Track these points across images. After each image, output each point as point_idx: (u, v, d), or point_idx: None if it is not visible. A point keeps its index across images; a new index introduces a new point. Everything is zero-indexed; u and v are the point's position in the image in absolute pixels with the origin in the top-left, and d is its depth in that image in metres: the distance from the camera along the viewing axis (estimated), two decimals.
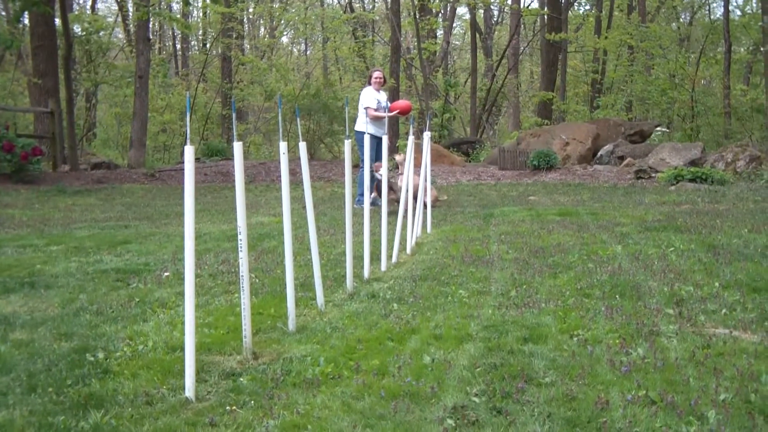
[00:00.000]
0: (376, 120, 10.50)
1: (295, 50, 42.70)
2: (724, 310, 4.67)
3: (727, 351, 3.92)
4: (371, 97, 10.65)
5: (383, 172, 6.88)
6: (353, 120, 11.21)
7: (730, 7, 25.61)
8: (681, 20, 33.89)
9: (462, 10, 33.44)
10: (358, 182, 10.52)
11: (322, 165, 18.55)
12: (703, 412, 3.14)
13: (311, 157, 21.30)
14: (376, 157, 10.35)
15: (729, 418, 3.09)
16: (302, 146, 4.84)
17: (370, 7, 37.26)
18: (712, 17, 32.15)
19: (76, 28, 23.49)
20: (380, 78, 10.89)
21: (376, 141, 10.41)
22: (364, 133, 6.26)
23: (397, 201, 9.88)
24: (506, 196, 12.73)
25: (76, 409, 3.31)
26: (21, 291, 5.60)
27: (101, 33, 26.02)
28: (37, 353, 4.09)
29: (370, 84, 10.89)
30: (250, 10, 33.09)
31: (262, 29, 38.73)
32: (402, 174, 10.00)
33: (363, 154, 6.63)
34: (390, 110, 10.76)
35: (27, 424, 3.17)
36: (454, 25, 35.66)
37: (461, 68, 37.64)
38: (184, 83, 31.09)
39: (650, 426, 3.06)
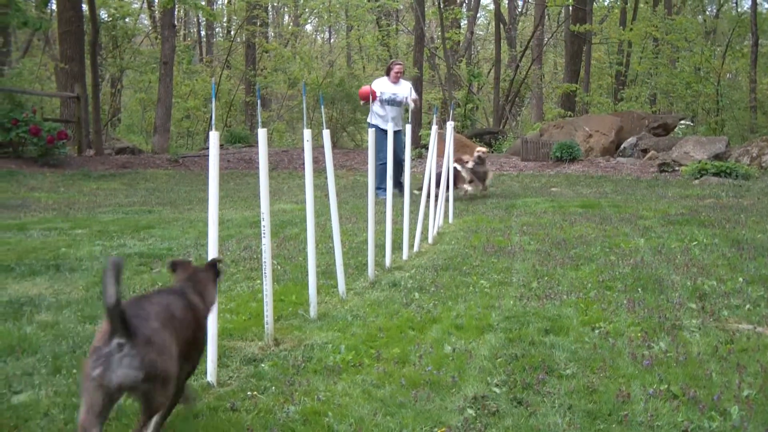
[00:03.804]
0: (380, 111, 10.58)
1: (319, 38, 42.71)
2: (747, 306, 4.63)
3: (750, 347, 3.88)
4: (380, 84, 10.82)
5: (407, 164, 6.84)
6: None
7: (758, 0, 25.21)
8: (707, 13, 33.43)
9: (486, 0, 33.27)
10: (378, 173, 10.54)
11: (344, 153, 18.57)
12: (726, 408, 3.11)
13: (334, 145, 21.30)
14: (395, 150, 10.36)
15: (752, 414, 3.06)
16: (326, 134, 4.84)
17: None
18: (739, 10, 31.72)
19: (103, 14, 23.64)
20: (400, 71, 10.97)
21: (385, 134, 10.45)
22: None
23: (465, 191, 10.24)
24: (528, 187, 12.67)
25: None
26: (46, 273, 5.67)
27: (127, 19, 26.17)
28: (61, 335, 4.14)
29: (387, 75, 10.97)
30: None
31: (287, 17, 38.74)
32: (467, 165, 10.31)
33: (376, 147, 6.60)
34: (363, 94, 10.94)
35: (52, 404, 3.22)
36: (478, 15, 35.48)
37: (485, 58, 37.43)
38: (209, 70, 31.18)
39: (672, 420, 3.04)
